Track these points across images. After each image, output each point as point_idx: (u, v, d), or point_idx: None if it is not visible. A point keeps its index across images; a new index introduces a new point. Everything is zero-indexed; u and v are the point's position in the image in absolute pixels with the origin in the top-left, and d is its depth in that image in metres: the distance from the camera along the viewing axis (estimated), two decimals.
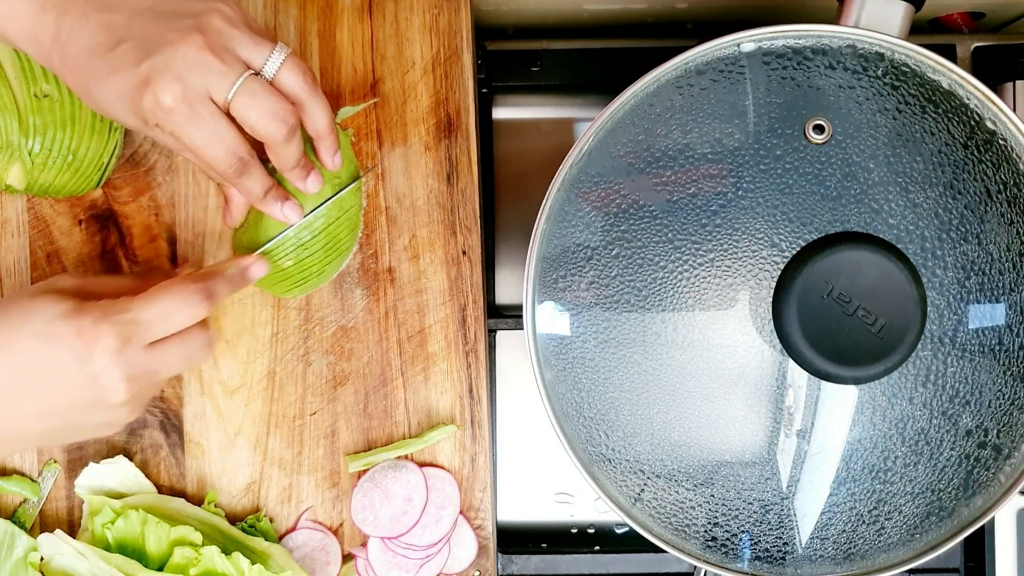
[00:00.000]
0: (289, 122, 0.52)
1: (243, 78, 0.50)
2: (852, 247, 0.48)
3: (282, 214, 0.58)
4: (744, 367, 0.53)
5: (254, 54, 0.51)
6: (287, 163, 0.55)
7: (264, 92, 0.51)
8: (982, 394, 0.53)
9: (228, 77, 0.50)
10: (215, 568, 0.61)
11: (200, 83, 0.49)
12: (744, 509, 0.55)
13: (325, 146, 0.58)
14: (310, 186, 0.58)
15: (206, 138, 0.51)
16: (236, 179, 0.53)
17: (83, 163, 0.62)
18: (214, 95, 0.50)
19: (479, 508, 0.66)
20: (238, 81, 0.50)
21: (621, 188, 0.54)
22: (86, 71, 0.50)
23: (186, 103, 0.49)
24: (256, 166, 0.54)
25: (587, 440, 0.55)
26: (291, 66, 0.52)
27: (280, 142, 0.52)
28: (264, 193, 0.56)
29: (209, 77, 0.49)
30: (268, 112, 0.51)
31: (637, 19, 0.75)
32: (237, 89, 0.50)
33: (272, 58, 0.51)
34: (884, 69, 0.52)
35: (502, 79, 0.73)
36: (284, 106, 0.51)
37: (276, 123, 0.51)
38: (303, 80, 0.53)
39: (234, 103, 0.50)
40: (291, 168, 0.55)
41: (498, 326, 0.71)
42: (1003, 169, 0.52)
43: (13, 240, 0.65)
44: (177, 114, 0.49)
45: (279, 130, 0.51)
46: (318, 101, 0.54)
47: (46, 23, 0.50)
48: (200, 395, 0.65)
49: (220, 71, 0.50)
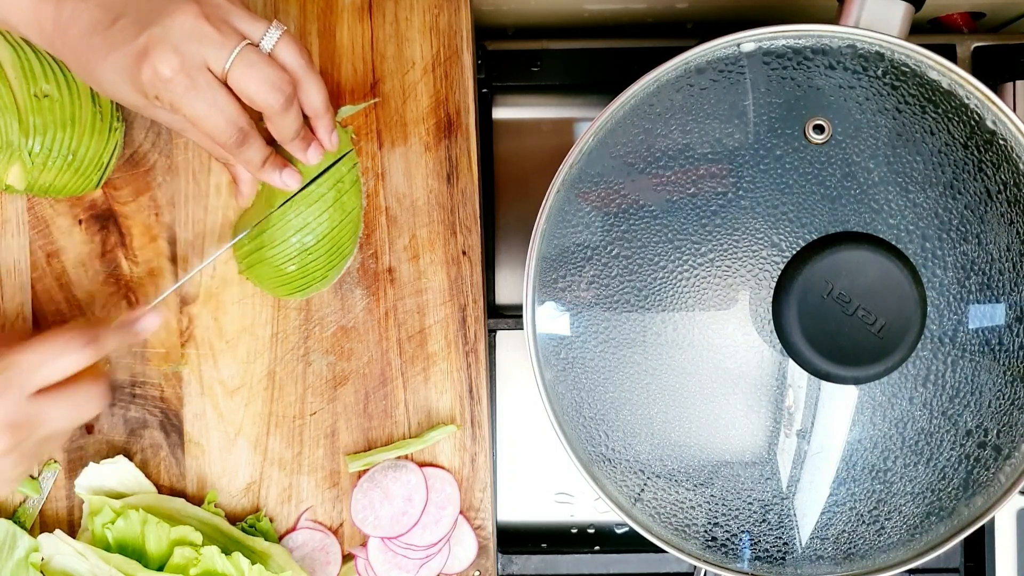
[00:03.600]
0: (286, 91, 0.52)
1: (240, 47, 0.50)
2: (852, 247, 0.48)
3: (282, 181, 0.58)
4: (744, 367, 0.53)
5: (251, 27, 0.52)
6: (286, 133, 0.55)
7: (261, 62, 0.51)
8: (982, 394, 0.53)
9: (225, 47, 0.50)
10: (215, 568, 0.61)
11: (197, 52, 0.49)
12: (744, 509, 0.55)
13: (322, 124, 0.58)
14: (310, 157, 0.58)
15: (205, 108, 0.51)
16: (237, 149, 0.53)
17: (83, 163, 0.62)
18: (212, 65, 0.50)
19: (479, 508, 0.66)
20: (235, 50, 0.50)
21: (621, 188, 0.54)
22: (87, 51, 0.51)
23: (184, 72, 0.49)
24: (255, 136, 0.54)
25: (587, 440, 0.55)
26: (288, 42, 0.52)
27: (278, 111, 0.52)
28: (263, 162, 0.56)
29: (206, 47, 0.50)
30: (266, 82, 0.51)
31: (637, 19, 0.75)
32: (234, 59, 0.50)
33: (269, 33, 0.52)
34: (884, 69, 0.52)
35: (502, 79, 0.73)
36: (281, 75, 0.52)
37: (274, 92, 0.51)
38: (299, 56, 0.53)
39: (232, 73, 0.50)
40: (291, 139, 0.56)
41: (498, 326, 0.71)
42: (1003, 169, 0.52)
43: (13, 240, 0.65)
44: (175, 84, 0.49)
45: (276, 100, 0.52)
46: (314, 78, 0.54)
47: (46, 9, 0.51)
48: (200, 395, 0.65)
49: (218, 41, 0.50)
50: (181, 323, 0.65)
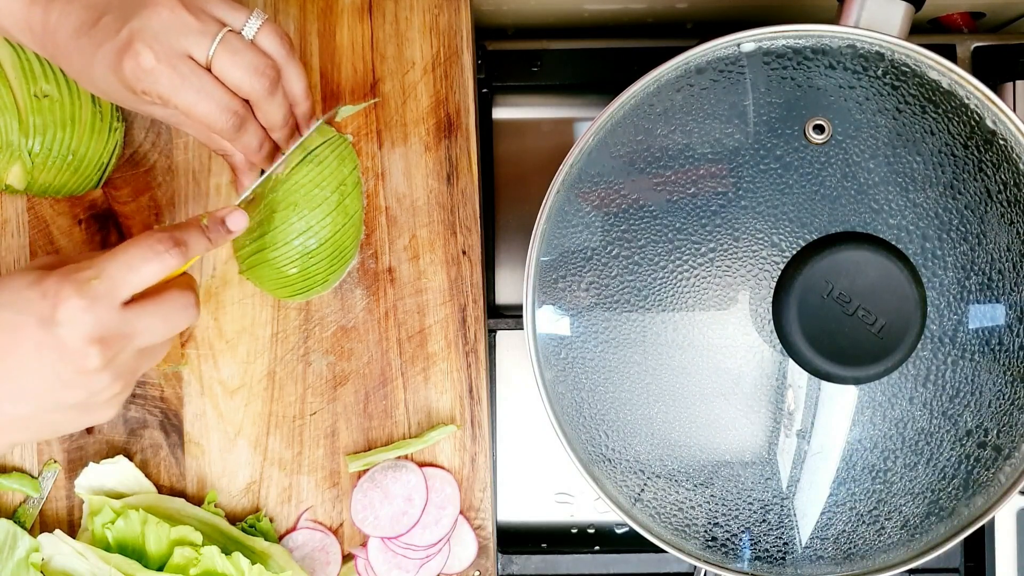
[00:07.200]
0: (270, 75, 0.52)
1: (222, 34, 0.50)
2: (852, 247, 0.48)
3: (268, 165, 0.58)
4: (744, 367, 0.53)
5: (232, 16, 0.52)
6: (275, 119, 0.55)
7: (244, 48, 0.51)
8: (982, 394, 0.53)
9: (206, 34, 0.50)
10: (215, 568, 0.61)
11: (178, 42, 0.49)
12: (744, 509, 0.55)
13: (301, 111, 0.58)
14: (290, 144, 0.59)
15: (194, 96, 0.50)
16: (235, 134, 0.53)
17: (83, 163, 0.62)
18: (195, 54, 0.50)
19: (479, 508, 0.66)
20: (217, 37, 0.50)
21: (621, 188, 0.54)
22: (76, 52, 0.51)
23: (166, 62, 0.49)
24: (252, 119, 0.54)
25: (587, 440, 0.55)
26: (269, 29, 0.52)
27: (265, 96, 0.52)
28: (260, 146, 0.56)
29: (187, 36, 0.50)
30: (250, 67, 0.51)
31: (637, 19, 0.75)
32: (217, 46, 0.50)
33: (250, 22, 0.52)
34: (884, 69, 0.52)
35: (502, 79, 0.73)
36: (265, 60, 0.52)
37: (259, 77, 0.51)
38: (281, 44, 0.53)
39: (215, 60, 0.50)
40: (281, 126, 0.56)
41: (498, 326, 0.71)
42: (1003, 169, 0.52)
43: (13, 240, 0.65)
44: (159, 74, 0.49)
45: (262, 84, 0.52)
46: (295, 65, 0.54)
47: (36, 12, 0.51)
48: (200, 395, 0.65)
49: (198, 29, 0.50)
50: None
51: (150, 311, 0.50)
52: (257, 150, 0.56)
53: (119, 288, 0.48)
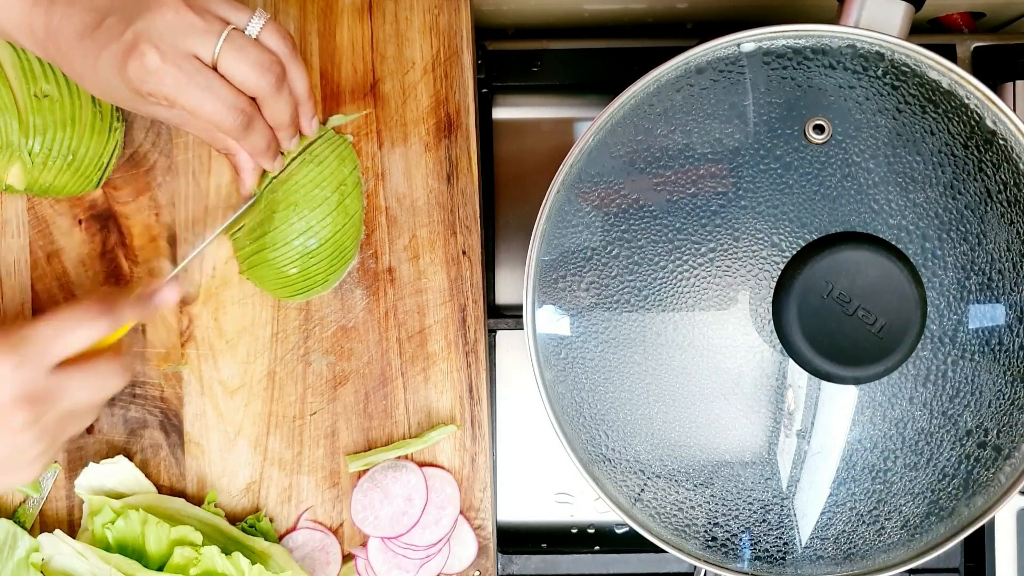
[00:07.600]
0: (277, 72, 0.52)
1: (226, 32, 0.50)
2: (852, 247, 0.48)
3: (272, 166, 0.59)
4: (744, 367, 0.53)
5: (235, 15, 0.52)
6: (282, 117, 0.55)
7: (250, 46, 0.51)
8: (982, 394, 0.53)
9: (211, 33, 0.50)
10: (215, 568, 0.61)
11: (183, 42, 0.49)
12: (744, 509, 0.55)
13: (304, 111, 0.58)
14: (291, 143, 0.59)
15: (200, 95, 0.50)
16: (243, 133, 0.53)
17: (83, 163, 0.62)
18: (200, 53, 0.50)
19: (479, 508, 0.66)
20: (223, 35, 0.50)
21: (621, 188, 0.54)
22: (79, 55, 0.50)
23: (171, 62, 0.49)
24: (259, 118, 0.54)
25: (587, 440, 0.55)
26: (273, 28, 0.52)
27: (271, 93, 0.52)
28: (267, 145, 0.56)
29: (192, 35, 0.50)
30: (257, 64, 0.51)
31: (637, 19, 0.75)
32: (223, 44, 0.50)
33: (254, 20, 0.52)
34: (884, 69, 0.52)
35: (502, 79, 0.73)
36: (271, 57, 0.52)
37: (266, 74, 0.51)
38: (284, 42, 0.53)
39: (221, 59, 0.50)
40: (287, 123, 0.56)
41: (498, 326, 0.71)
42: (1003, 169, 0.52)
43: (13, 240, 0.65)
44: (164, 74, 0.49)
45: (269, 81, 0.52)
46: (298, 64, 0.55)
47: (38, 15, 0.51)
48: (200, 395, 0.65)
49: (202, 28, 0.50)
50: (181, 323, 0.65)
51: (79, 376, 0.51)
52: (265, 150, 0.56)
53: (49, 351, 0.50)
